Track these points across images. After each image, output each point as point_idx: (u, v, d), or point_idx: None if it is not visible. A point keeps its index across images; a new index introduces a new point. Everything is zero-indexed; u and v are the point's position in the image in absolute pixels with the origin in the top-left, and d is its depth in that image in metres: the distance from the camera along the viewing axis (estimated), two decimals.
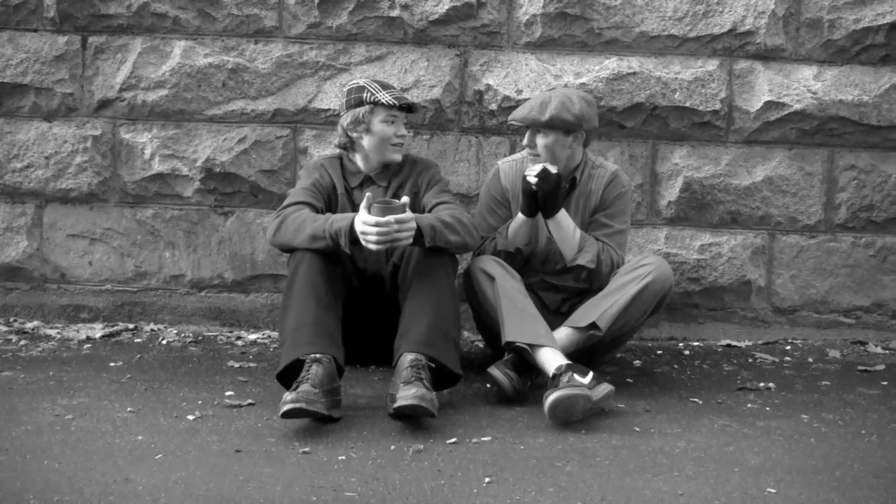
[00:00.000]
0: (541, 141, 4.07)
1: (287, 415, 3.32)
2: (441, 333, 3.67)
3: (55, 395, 3.76)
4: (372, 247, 3.67)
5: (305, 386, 3.38)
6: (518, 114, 4.08)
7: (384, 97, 4.09)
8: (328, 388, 3.45)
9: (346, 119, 4.15)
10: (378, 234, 3.63)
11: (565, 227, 4.06)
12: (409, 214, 3.69)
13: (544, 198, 4.01)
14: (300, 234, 3.81)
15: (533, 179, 3.98)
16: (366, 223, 3.65)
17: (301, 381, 3.41)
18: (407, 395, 3.36)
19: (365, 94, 4.11)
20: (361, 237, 3.68)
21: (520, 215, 4.12)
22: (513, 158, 4.36)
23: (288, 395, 3.34)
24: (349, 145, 4.19)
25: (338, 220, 3.75)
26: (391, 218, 3.64)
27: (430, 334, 3.64)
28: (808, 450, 3.32)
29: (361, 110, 4.11)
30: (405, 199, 3.71)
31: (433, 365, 3.60)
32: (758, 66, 4.86)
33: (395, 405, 3.38)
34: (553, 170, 3.99)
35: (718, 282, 4.94)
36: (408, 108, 4.17)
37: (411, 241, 3.71)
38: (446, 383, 3.71)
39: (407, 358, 3.56)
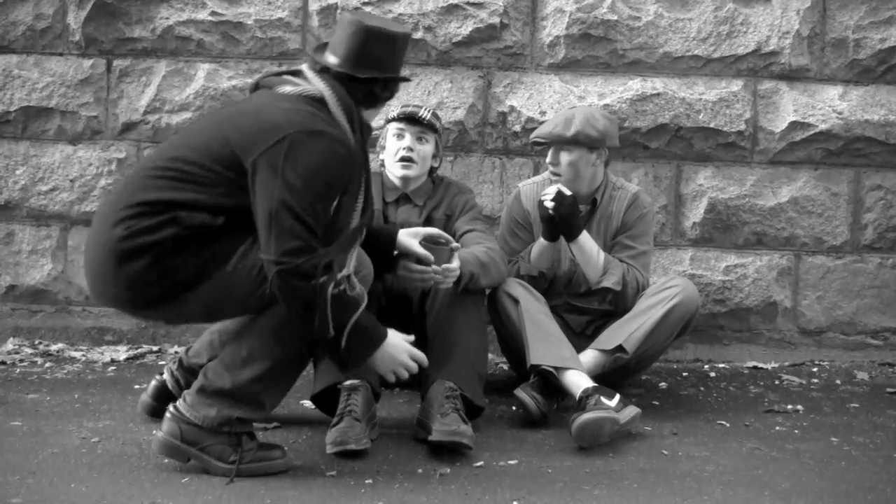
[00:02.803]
0: (565, 158, 4.06)
1: (336, 455, 3.33)
2: (467, 365, 3.66)
3: (81, 417, 3.76)
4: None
5: (348, 420, 3.37)
6: (542, 130, 4.07)
7: (392, 113, 4.13)
8: (369, 416, 3.47)
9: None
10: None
11: (588, 250, 4.05)
12: (456, 263, 3.66)
13: (562, 221, 3.99)
14: None
15: (549, 204, 3.96)
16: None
17: (343, 414, 3.41)
18: (445, 429, 3.34)
19: (388, 114, 4.17)
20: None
21: (541, 240, 4.10)
22: (533, 181, 4.34)
23: (335, 435, 3.33)
24: (382, 165, 4.21)
25: None
26: (436, 268, 3.60)
27: (457, 366, 3.63)
28: (839, 473, 3.29)
29: (382, 130, 4.20)
30: (455, 244, 3.68)
31: (466, 396, 3.59)
32: (782, 87, 4.84)
33: (433, 437, 3.36)
34: (567, 192, 3.97)
35: (744, 303, 4.91)
36: (412, 119, 4.09)
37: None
38: (469, 415, 3.67)
39: (440, 386, 3.54)
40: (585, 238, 4.04)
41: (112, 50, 4.91)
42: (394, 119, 4.11)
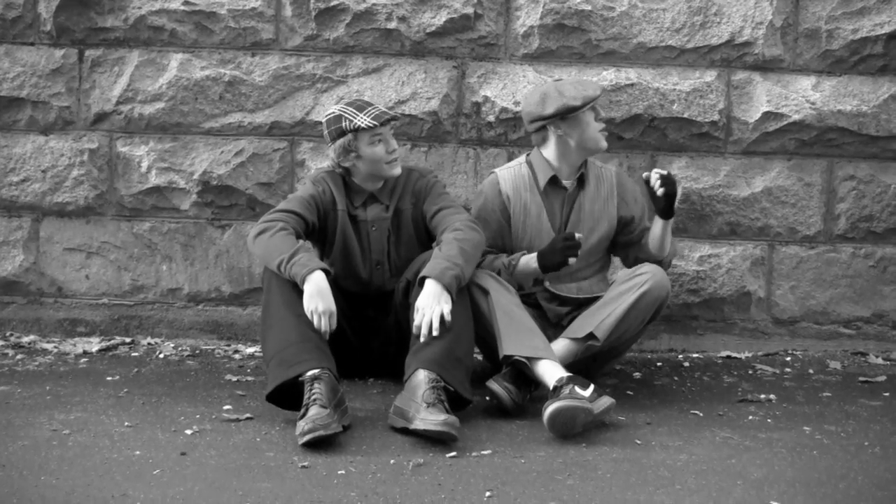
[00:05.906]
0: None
1: (308, 445, 3.31)
2: (455, 358, 3.65)
3: (52, 409, 3.74)
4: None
5: (315, 409, 3.36)
6: (588, 93, 4.06)
7: (362, 121, 3.97)
8: (336, 402, 3.44)
9: (333, 152, 4.06)
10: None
11: (669, 230, 4.21)
12: (437, 321, 3.68)
13: (669, 201, 4.10)
14: (268, 259, 3.80)
15: (661, 190, 4.06)
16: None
17: (309, 404, 3.39)
18: (434, 419, 3.34)
19: (343, 123, 4.00)
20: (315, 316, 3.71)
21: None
22: (508, 166, 4.33)
23: (304, 425, 3.31)
24: (346, 173, 4.14)
25: (297, 265, 3.71)
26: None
27: (444, 357, 3.62)
28: (811, 462, 3.30)
29: (345, 140, 4.01)
30: None
31: (451, 388, 3.58)
32: (756, 77, 4.85)
33: (416, 426, 3.36)
34: (664, 172, 4.10)
35: (718, 293, 4.92)
36: (391, 120, 4.05)
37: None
38: (454, 408, 3.66)
39: (424, 376, 3.54)
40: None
41: (84, 40, 4.87)
42: (368, 127, 3.96)
